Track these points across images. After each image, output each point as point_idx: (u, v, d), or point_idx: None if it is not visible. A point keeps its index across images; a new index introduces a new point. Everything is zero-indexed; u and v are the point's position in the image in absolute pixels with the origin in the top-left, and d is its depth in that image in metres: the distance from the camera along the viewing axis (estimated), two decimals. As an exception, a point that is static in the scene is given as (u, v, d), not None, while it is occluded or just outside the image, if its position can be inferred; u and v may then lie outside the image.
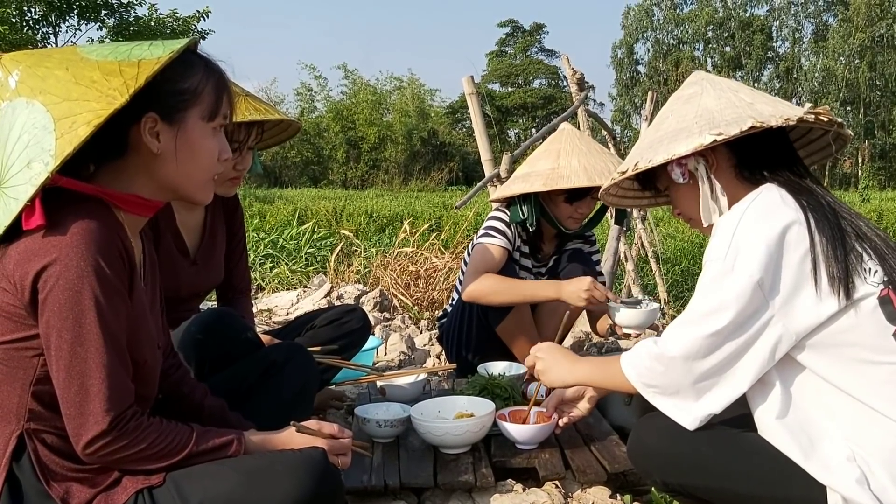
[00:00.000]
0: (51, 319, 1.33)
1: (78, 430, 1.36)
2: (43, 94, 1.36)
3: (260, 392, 2.03)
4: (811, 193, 1.56)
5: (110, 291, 1.35)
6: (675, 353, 1.55)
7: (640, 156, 1.69)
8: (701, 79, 1.79)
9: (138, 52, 1.40)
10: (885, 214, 16.53)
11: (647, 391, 1.62)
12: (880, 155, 43.56)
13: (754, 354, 1.50)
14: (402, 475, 2.08)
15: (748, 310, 1.47)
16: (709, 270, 1.53)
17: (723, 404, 1.54)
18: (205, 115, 1.48)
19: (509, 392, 2.46)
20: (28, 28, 20.88)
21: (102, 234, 1.35)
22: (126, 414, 1.38)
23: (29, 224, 1.32)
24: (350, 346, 2.65)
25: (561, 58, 6.55)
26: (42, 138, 1.33)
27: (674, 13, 52.30)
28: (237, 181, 2.29)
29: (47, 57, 1.42)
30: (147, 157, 1.44)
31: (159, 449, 1.42)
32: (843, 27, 44.88)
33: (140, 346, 1.47)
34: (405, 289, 5.56)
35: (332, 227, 11.82)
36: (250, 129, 2.22)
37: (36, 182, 1.31)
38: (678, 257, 9.74)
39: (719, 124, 1.60)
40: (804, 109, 1.59)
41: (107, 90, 1.34)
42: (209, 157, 1.51)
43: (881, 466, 1.44)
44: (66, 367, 1.34)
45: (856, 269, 1.47)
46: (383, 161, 38.09)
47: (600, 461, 2.15)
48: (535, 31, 60.81)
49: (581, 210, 2.98)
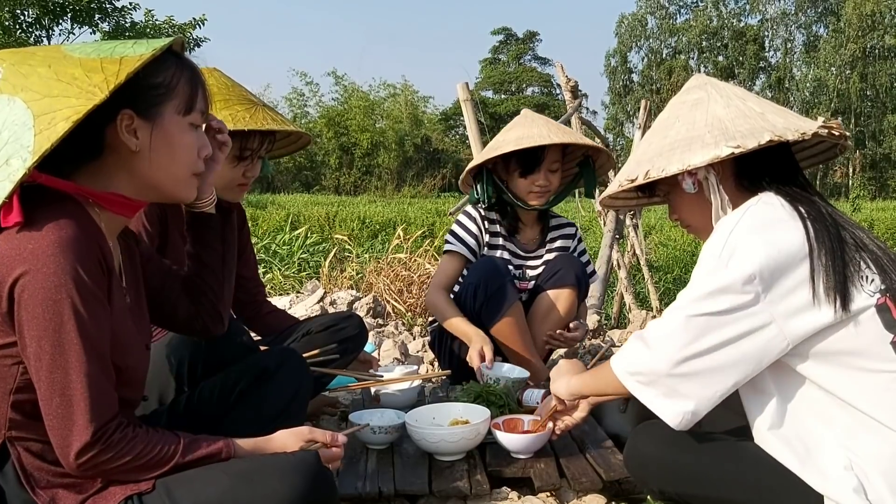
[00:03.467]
0: (30, 330, 1.31)
1: (62, 443, 1.34)
2: (24, 91, 1.34)
3: (251, 397, 2.01)
4: (812, 203, 1.56)
5: (89, 299, 1.33)
6: (661, 332, 1.55)
7: (651, 163, 1.66)
8: (704, 83, 1.77)
9: (121, 49, 1.39)
10: (876, 224, 16.62)
11: (631, 380, 1.60)
12: (871, 165, 43.89)
13: (741, 351, 1.48)
14: (396, 482, 2.06)
15: (738, 303, 1.46)
16: (702, 265, 1.53)
17: (705, 399, 1.51)
18: (180, 110, 1.46)
19: (504, 399, 2.45)
20: (21, 31, 20.82)
21: (80, 241, 1.33)
22: (110, 425, 1.36)
23: (7, 221, 1.31)
24: (346, 353, 2.64)
25: (555, 66, 6.57)
26: (21, 135, 1.31)
27: (668, 22, 52.58)
28: (245, 187, 2.30)
29: (31, 55, 1.41)
30: (126, 155, 1.43)
31: (147, 459, 1.40)
32: (834, 38, 45.22)
33: (122, 349, 1.45)
34: (398, 295, 5.55)
35: (324, 232, 11.82)
36: (263, 139, 2.23)
37: (14, 178, 1.29)
38: (670, 265, 9.76)
39: (735, 136, 1.58)
40: (818, 123, 1.58)
41: (87, 87, 1.33)
42: (187, 151, 1.49)
43: (878, 475, 1.43)
44: (48, 378, 1.32)
45: (854, 280, 1.46)
46: (376, 167, 38.14)
47: (596, 469, 2.14)
48: (528, 39, 61.03)
49: (538, 183, 2.96)
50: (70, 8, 20.87)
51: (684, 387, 1.52)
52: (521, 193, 3.01)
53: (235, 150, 2.18)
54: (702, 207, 1.68)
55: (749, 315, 1.46)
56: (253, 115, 2.15)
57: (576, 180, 3.19)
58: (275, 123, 2.18)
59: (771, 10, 50.19)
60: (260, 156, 2.26)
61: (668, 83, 47.56)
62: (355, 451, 2.29)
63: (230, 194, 2.27)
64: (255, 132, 2.18)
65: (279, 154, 2.60)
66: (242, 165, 2.22)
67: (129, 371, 1.48)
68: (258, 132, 2.18)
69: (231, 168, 2.20)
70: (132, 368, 1.50)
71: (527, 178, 2.96)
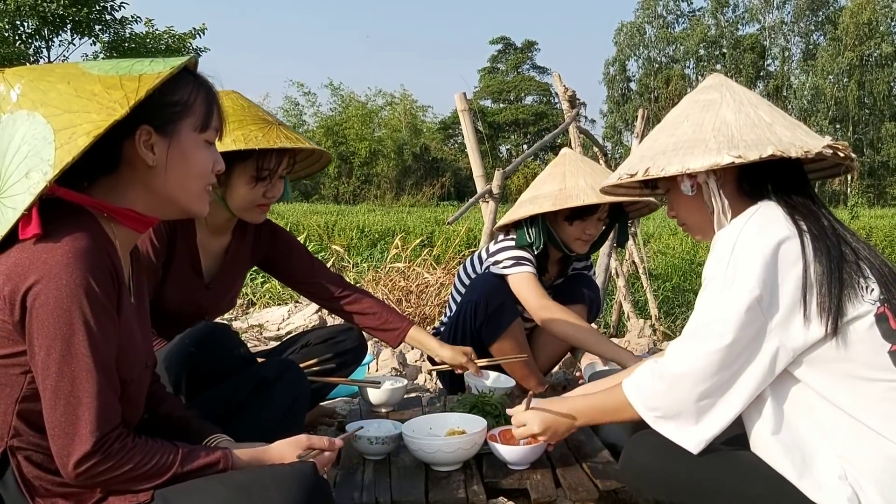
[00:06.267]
0: (39, 338, 1.32)
1: (63, 451, 1.34)
2: (44, 107, 1.37)
3: (250, 409, 2.02)
4: (814, 216, 1.55)
5: (100, 311, 1.35)
6: (678, 371, 1.55)
7: (653, 160, 1.66)
8: (720, 84, 1.76)
9: (139, 67, 1.42)
10: (874, 232, 16.60)
11: (650, 415, 1.61)
12: (869, 173, 43.89)
13: (754, 370, 1.50)
14: (393, 492, 2.06)
15: (749, 326, 1.48)
16: (709, 287, 1.54)
17: (724, 423, 1.54)
18: (197, 127, 1.50)
19: (500, 410, 2.45)
20: (21, 42, 20.84)
21: (93, 253, 1.34)
22: (111, 435, 1.37)
23: (25, 233, 1.32)
24: (345, 366, 2.64)
25: (552, 75, 6.59)
26: (41, 149, 1.34)
27: (666, 31, 52.71)
28: (265, 208, 2.29)
29: (49, 72, 1.43)
30: (142, 170, 1.45)
31: (145, 470, 1.41)
32: (832, 46, 45.33)
33: (128, 364, 1.46)
34: (397, 304, 5.56)
35: (323, 241, 11.81)
36: (281, 158, 2.23)
37: (34, 191, 1.32)
38: (669, 274, 9.76)
39: (738, 145, 1.58)
40: (824, 142, 1.58)
41: (107, 102, 1.36)
42: (202, 167, 1.52)
43: (872, 485, 1.44)
44: (53, 386, 1.33)
45: (851, 297, 1.47)
46: (375, 176, 38.14)
47: (592, 479, 2.14)
48: (526, 49, 61.13)
49: (589, 231, 3.00)
50: (70, 19, 20.87)
51: (704, 417, 1.55)
52: (567, 239, 3.03)
53: (252, 171, 2.18)
54: (699, 209, 1.69)
55: (759, 340, 1.48)
56: (266, 133, 2.14)
57: (610, 228, 3.23)
58: (289, 142, 2.17)
59: (769, 18, 50.37)
60: (281, 176, 2.26)
61: (667, 91, 47.65)
62: (352, 461, 2.30)
63: (250, 215, 2.28)
64: (272, 151, 2.18)
65: (301, 175, 2.58)
66: (262, 186, 2.21)
67: (132, 385, 1.49)
68: (275, 151, 2.18)
69: (250, 189, 2.20)
70: (136, 382, 1.52)
71: (574, 225, 2.98)
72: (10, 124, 1.38)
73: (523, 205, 3.05)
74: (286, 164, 2.27)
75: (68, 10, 20.17)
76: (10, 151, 1.36)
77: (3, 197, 1.36)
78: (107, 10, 21.39)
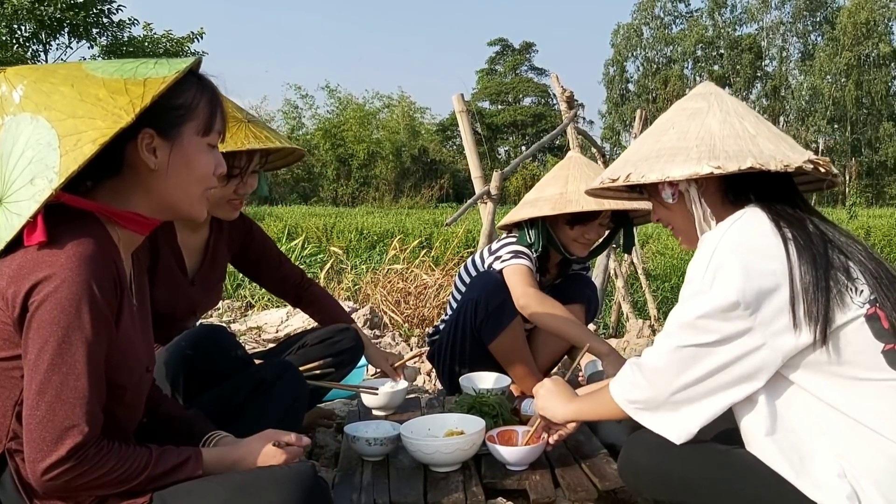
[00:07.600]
0: (35, 337, 1.31)
1: (35, 455, 1.32)
2: (48, 111, 1.36)
3: (248, 410, 2.01)
4: (799, 223, 1.55)
5: (98, 318, 1.34)
6: (655, 364, 1.58)
7: (635, 167, 1.67)
8: (709, 93, 1.77)
9: (144, 70, 1.41)
10: (873, 231, 16.62)
11: (631, 408, 1.64)
12: (867, 172, 43.98)
13: (735, 374, 1.50)
14: (391, 494, 2.06)
15: (726, 331, 1.48)
16: (688, 286, 1.55)
17: (706, 416, 1.55)
18: (199, 130, 1.49)
19: (497, 410, 2.45)
20: (18, 46, 20.81)
21: (97, 258, 1.34)
22: (89, 443, 1.35)
23: (30, 240, 1.32)
24: (342, 366, 2.64)
25: (550, 76, 6.59)
26: (46, 155, 1.33)
27: (663, 32, 52.76)
28: (238, 204, 2.29)
29: (52, 73, 1.42)
30: (144, 173, 1.45)
31: (118, 475, 1.39)
32: (829, 46, 45.42)
33: (128, 369, 1.46)
34: (395, 306, 5.56)
35: (322, 244, 11.80)
36: (252, 155, 2.22)
37: (39, 199, 1.32)
38: (668, 274, 9.78)
39: (719, 155, 1.58)
40: (804, 157, 1.58)
41: (112, 108, 1.35)
42: (205, 171, 1.52)
43: (871, 484, 1.44)
44: (39, 386, 1.31)
45: (838, 301, 1.47)
46: (373, 178, 38.15)
47: (591, 479, 2.14)
48: (524, 50, 61.22)
49: (588, 235, 3.00)
50: (67, 23, 20.85)
51: (683, 409, 1.56)
52: (566, 242, 3.03)
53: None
54: (682, 215, 1.70)
55: (740, 341, 1.48)
56: (233, 134, 2.13)
57: (615, 233, 3.22)
58: (257, 141, 2.16)
59: (767, 19, 50.45)
60: (254, 171, 2.26)
61: (665, 92, 47.70)
62: (351, 463, 2.29)
63: (222, 212, 2.27)
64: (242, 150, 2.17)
65: (276, 167, 2.59)
66: (233, 183, 2.21)
67: (131, 390, 1.49)
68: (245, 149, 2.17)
69: (221, 186, 2.18)
70: (136, 386, 1.51)
71: (575, 229, 2.98)
72: (14, 127, 1.37)
73: (525, 206, 3.06)
74: (257, 161, 2.26)
75: (66, 13, 20.13)
76: (14, 155, 1.36)
77: (7, 202, 1.36)
78: (104, 14, 21.36)
